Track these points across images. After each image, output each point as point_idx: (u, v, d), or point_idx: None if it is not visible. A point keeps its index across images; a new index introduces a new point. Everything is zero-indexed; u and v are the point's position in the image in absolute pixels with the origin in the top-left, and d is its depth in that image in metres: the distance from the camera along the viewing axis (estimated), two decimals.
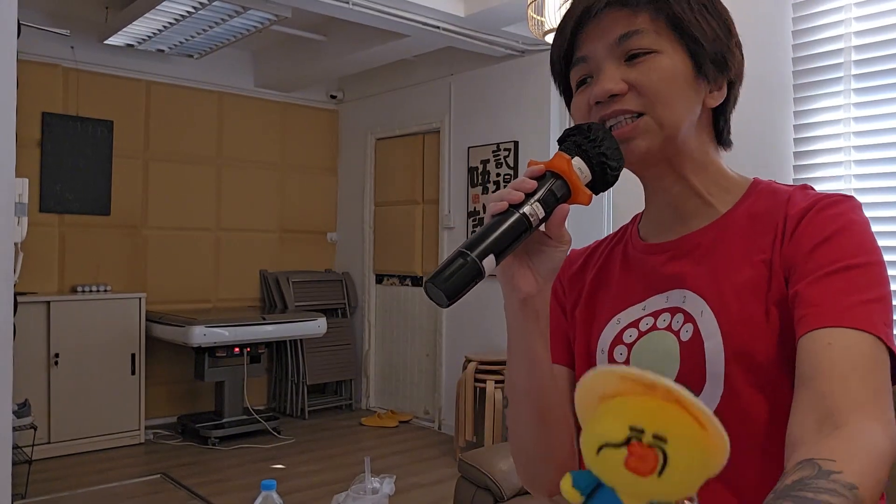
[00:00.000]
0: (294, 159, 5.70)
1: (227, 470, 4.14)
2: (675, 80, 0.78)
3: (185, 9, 3.88)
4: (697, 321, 0.78)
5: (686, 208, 0.84)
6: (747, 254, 0.78)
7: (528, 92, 4.40)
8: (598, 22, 0.79)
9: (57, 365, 4.26)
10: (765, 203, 0.81)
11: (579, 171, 0.73)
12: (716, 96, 0.82)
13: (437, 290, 0.65)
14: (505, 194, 0.71)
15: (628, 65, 0.78)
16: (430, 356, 5.11)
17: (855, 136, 2.74)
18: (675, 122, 0.78)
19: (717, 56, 0.80)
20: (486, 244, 0.67)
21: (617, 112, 0.78)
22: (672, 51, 0.78)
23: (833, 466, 0.57)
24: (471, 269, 0.66)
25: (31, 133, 4.44)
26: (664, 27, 0.78)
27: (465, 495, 2.63)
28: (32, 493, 3.65)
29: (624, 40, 0.78)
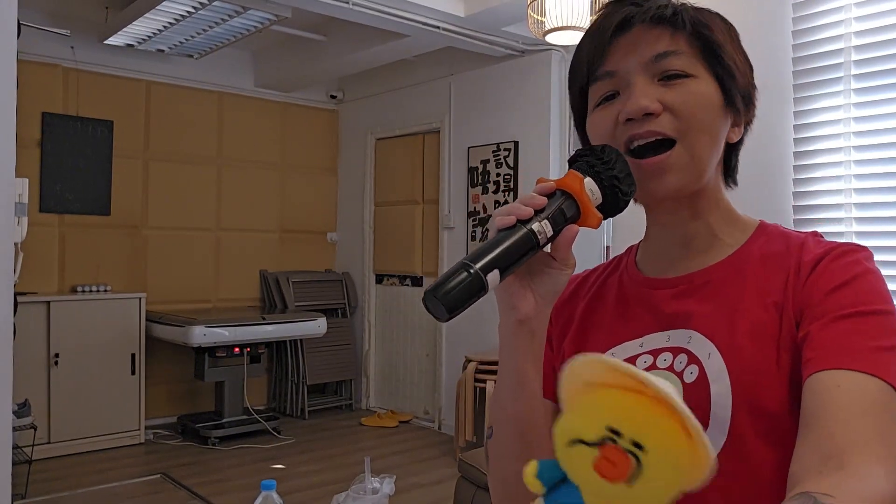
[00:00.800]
0: (294, 159, 5.70)
1: (227, 470, 4.14)
2: (710, 108, 0.76)
3: (185, 9, 3.88)
4: (704, 364, 0.74)
5: (696, 244, 0.82)
6: (759, 296, 0.76)
7: (528, 92, 4.39)
8: (633, 36, 0.76)
9: (57, 365, 4.26)
10: (777, 246, 0.79)
11: (591, 193, 0.70)
12: (737, 132, 0.80)
13: (437, 303, 0.61)
14: (513, 209, 0.67)
15: (662, 85, 0.75)
16: (430, 356, 5.11)
17: (855, 136, 2.74)
18: (705, 155, 0.76)
19: (745, 91, 0.79)
20: (491, 258, 0.64)
21: (651, 133, 0.74)
22: (706, 78, 0.76)
23: (828, 501, 0.55)
24: (474, 282, 0.62)
25: (32, 133, 4.44)
26: (700, 53, 0.76)
27: (465, 495, 2.63)
28: (32, 493, 3.65)
29: (661, 59, 0.75)
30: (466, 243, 4.76)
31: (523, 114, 4.41)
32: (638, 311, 0.83)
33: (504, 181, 4.51)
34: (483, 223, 4.65)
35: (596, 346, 0.83)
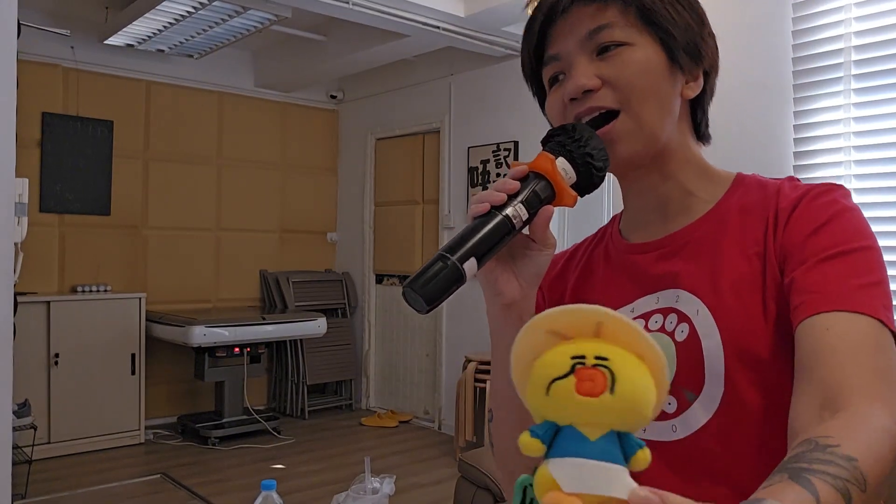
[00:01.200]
0: (294, 159, 5.69)
1: (227, 470, 4.14)
2: (649, 72, 0.76)
3: (185, 9, 3.88)
4: (693, 320, 0.76)
5: (672, 205, 0.83)
6: (741, 248, 0.76)
7: (527, 92, 4.35)
8: (566, 18, 0.78)
9: (57, 365, 4.26)
10: (754, 196, 0.79)
11: (563, 172, 0.71)
12: (692, 87, 0.80)
13: (416, 296, 0.62)
14: (486, 196, 0.68)
15: (600, 59, 0.77)
16: (430, 356, 5.11)
17: (855, 136, 2.73)
18: (654, 119, 0.77)
19: (690, 45, 0.78)
20: (467, 247, 0.64)
21: (592, 109, 0.76)
22: (644, 42, 0.76)
23: (830, 441, 0.56)
24: (451, 273, 0.62)
25: (32, 133, 4.44)
26: (634, 19, 0.76)
27: (465, 495, 2.63)
28: (32, 493, 3.64)
29: (594, 34, 0.76)
30: None
31: (523, 114, 4.41)
32: (625, 278, 0.84)
33: None
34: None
35: None
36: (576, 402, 0.41)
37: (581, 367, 0.41)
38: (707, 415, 0.74)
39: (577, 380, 0.41)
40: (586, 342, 0.43)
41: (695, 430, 0.75)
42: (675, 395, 0.76)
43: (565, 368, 0.42)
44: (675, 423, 0.76)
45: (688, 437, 0.75)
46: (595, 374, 0.41)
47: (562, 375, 0.42)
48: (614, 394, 0.41)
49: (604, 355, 0.41)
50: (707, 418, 0.74)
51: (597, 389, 0.41)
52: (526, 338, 0.46)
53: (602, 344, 0.42)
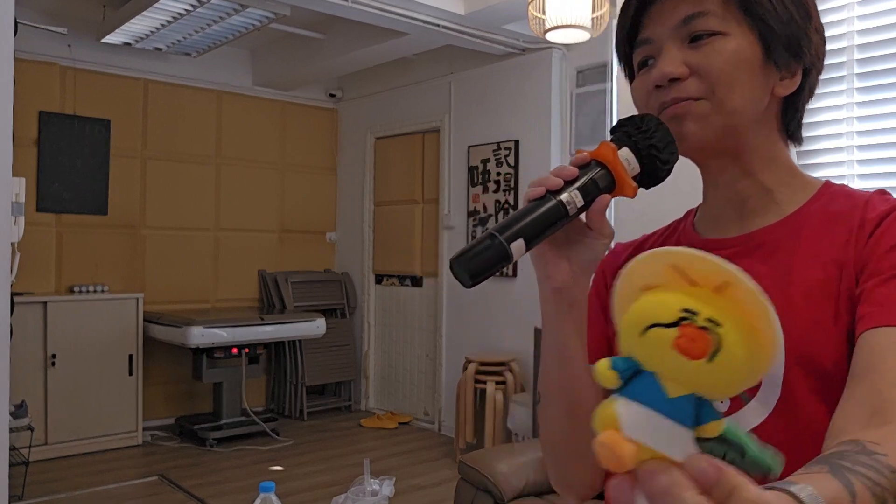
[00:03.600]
0: (293, 158, 5.67)
1: (226, 471, 4.11)
2: (739, 64, 0.74)
3: (183, 6, 3.86)
4: None
5: (751, 204, 0.80)
6: (818, 254, 0.74)
7: (528, 90, 4.38)
8: (664, 2, 0.76)
9: (54, 366, 4.24)
10: (840, 205, 0.77)
11: (626, 162, 0.70)
12: (787, 84, 0.77)
13: (461, 270, 0.64)
14: (544, 179, 0.68)
15: (691, 47, 0.75)
16: (429, 357, 5.09)
17: (858, 135, 2.72)
18: (736, 109, 0.74)
19: (791, 40, 0.75)
20: (516, 227, 0.65)
21: (676, 99, 0.75)
22: (740, 33, 0.74)
23: (878, 449, 0.54)
24: (497, 250, 0.64)
25: (28, 132, 4.41)
26: (734, 8, 0.74)
27: (466, 497, 2.61)
28: (29, 494, 3.63)
29: (689, 21, 0.74)
30: (466, 243, 4.71)
31: (524, 112, 4.39)
32: None
33: (504, 180, 4.49)
34: (483, 223, 4.63)
35: None
36: (669, 356, 0.39)
37: (688, 324, 0.38)
38: (761, 417, 0.73)
39: (680, 334, 0.38)
40: (707, 295, 0.39)
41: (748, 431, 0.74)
42: None
43: (672, 318, 0.39)
44: None
45: None
46: (701, 335, 0.38)
47: (666, 324, 0.39)
48: (712, 362, 0.38)
49: (719, 319, 0.38)
50: (759, 421, 0.73)
51: (696, 352, 0.38)
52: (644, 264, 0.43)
53: (722, 303, 0.39)
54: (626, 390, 0.41)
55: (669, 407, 0.40)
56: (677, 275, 0.41)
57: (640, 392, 0.40)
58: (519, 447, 2.83)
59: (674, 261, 0.41)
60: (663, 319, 0.39)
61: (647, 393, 0.40)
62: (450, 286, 4.87)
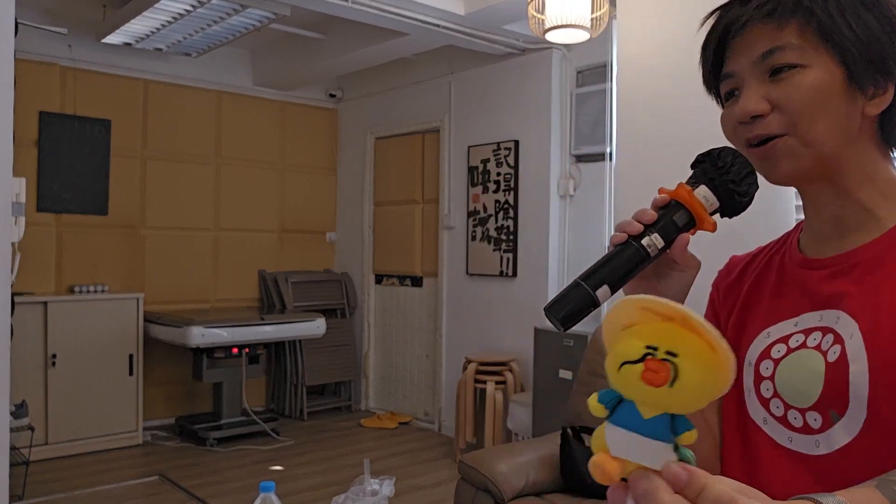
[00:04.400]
0: (293, 158, 5.67)
1: (226, 471, 4.11)
2: (820, 96, 0.74)
3: (184, 7, 3.86)
4: (846, 343, 0.74)
5: (849, 222, 0.80)
6: None
7: (528, 91, 4.38)
8: (743, 36, 0.77)
9: (54, 366, 4.24)
10: None
11: (704, 200, 0.75)
12: (878, 102, 0.76)
13: (553, 317, 0.71)
14: (626, 225, 0.73)
15: (772, 81, 0.75)
16: (429, 357, 5.09)
17: None
18: (821, 140, 0.75)
19: (876, 60, 0.74)
20: (600, 275, 0.72)
21: (759, 136, 0.76)
22: (820, 63, 0.74)
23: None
24: (583, 298, 0.70)
25: (29, 132, 4.41)
26: (813, 37, 0.74)
27: (466, 497, 2.61)
28: (30, 494, 3.63)
29: (767, 56, 0.75)
30: (466, 243, 4.74)
31: (524, 112, 4.39)
32: (794, 292, 0.84)
33: (504, 180, 4.49)
34: (483, 223, 4.63)
35: (754, 326, 0.86)
36: (638, 386, 0.47)
37: (650, 359, 0.47)
38: (849, 436, 0.74)
39: (645, 368, 0.47)
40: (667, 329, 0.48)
41: (836, 449, 0.75)
42: (821, 413, 0.76)
43: (637, 355, 0.48)
44: (818, 439, 0.76)
45: (829, 454, 0.75)
46: (660, 367, 0.47)
47: (633, 360, 0.48)
48: (673, 387, 0.46)
49: (675, 350, 0.47)
50: (849, 440, 0.74)
51: (658, 381, 0.46)
52: (620, 309, 0.51)
53: (681, 334, 0.48)
54: (612, 417, 0.50)
55: (646, 427, 0.48)
56: (649, 314, 0.49)
57: (623, 417, 0.49)
58: (519, 447, 2.83)
59: (643, 304, 0.50)
60: (631, 357, 0.48)
61: (627, 417, 0.49)
62: (450, 286, 4.88)
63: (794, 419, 0.78)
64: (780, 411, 0.79)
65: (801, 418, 0.77)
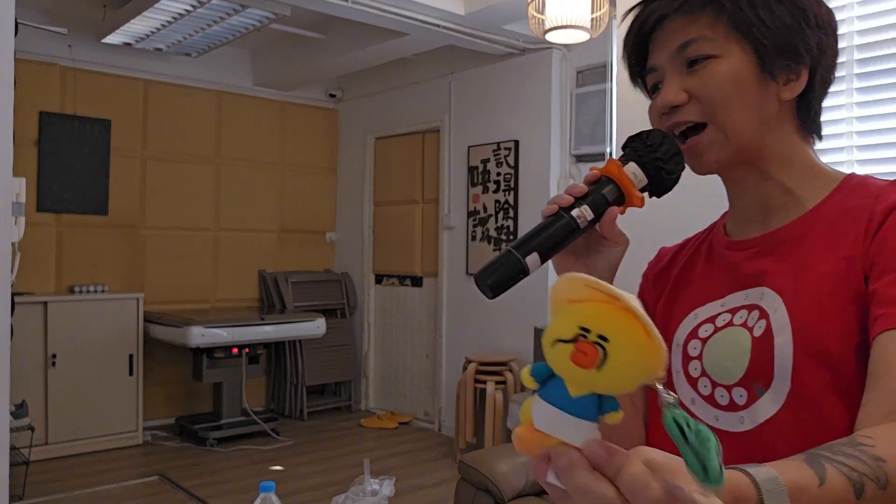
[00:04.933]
0: (293, 158, 5.67)
1: (226, 471, 4.11)
2: (734, 84, 0.77)
3: (184, 7, 3.86)
4: (770, 317, 0.77)
5: (772, 204, 0.83)
6: (830, 249, 0.77)
7: (528, 90, 4.38)
8: (661, 30, 0.81)
9: (54, 366, 4.24)
10: (855, 198, 0.79)
11: (633, 176, 0.76)
12: (793, 87, 0.79)
13: (483, 284, 0.71)
14: (556, 198, 0.75)
15: (689, 72, 0.79)
16: (429, 357, 5.09)
17: (857, 135, 2.72)
18: (740, 128, 0.78)
19: (787, 47, 0.77)
20: (531, 244, 0.72)
21: (679, 123, 0.80)
22: (732, 52, 0.77)
23: (866, 441, 0.56)
24: (514, 265, 0.71)
25: (29, 132, 4.41)
26: (725, 28, 0.77)
27: (466, 497, 2.61)
28: (30, 494, 3.63)
29: (683, 49, 0.79)
30: (467, 243, 4.74)
31: (524, 112, 4.39)
32: (721, 273, 0.87)
33: (504, 180, 4.49)
34: (483, 223, 4.63)
35: (682, 309, 0.89)
36: (568, 365, 0.48)
37: (582, 340, 0.47)
38: (773, 409, 0.76)
39: (575, 349, 0.47)
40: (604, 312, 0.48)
41: (759, 423, 0.77)
42: (746, 388, 0.78)
43: (570, 335, 0.48)
44: (742, 416, 0.78)
45: (753, 429, 0.77)
46: (590, 349, 0.47)
47: (565, 340, 0.48)
48: (600, 370, 0.47)
49: (607, 335, 0.47)
50: (773, 412, 0.76)
51: (586, 363, 0.47)
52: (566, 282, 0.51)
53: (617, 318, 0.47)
54: (541, 391, 0.51)
55: (572, 404, 0.49)
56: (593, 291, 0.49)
57: (551, 393, 0.50)
58: None
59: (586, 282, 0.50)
60: (564, 336, 0.48)
61: (555, 393, 0.50)
62: (450, 286, 4.88)
63: (721, 397, 0.80)
64: (708, 390, 0.81)
65: (727, 395, 0.79)
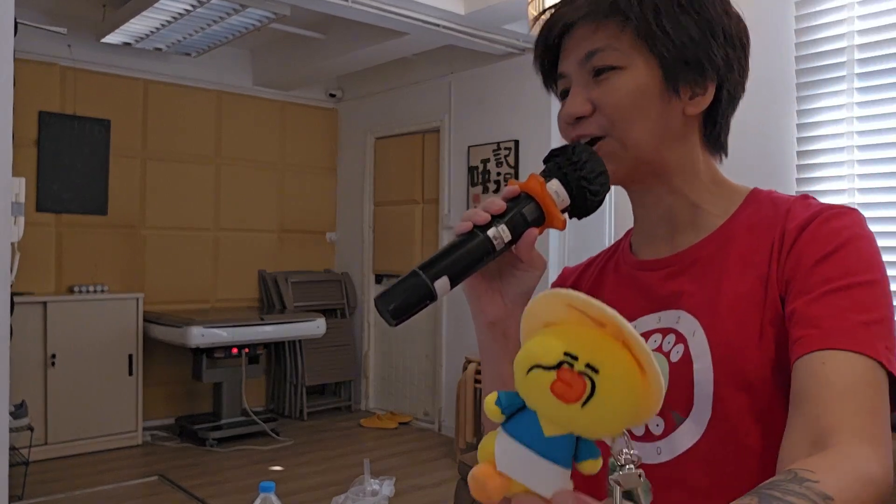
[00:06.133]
0: (293, 158, 5.67)
1: (226, 472, 4.11)
2: (636, 97, 0.74)
3: (183, 6, 3.85)
4: (689, 342, 0.74)
5: (680, 220, 0.80)
6: (743, 269, 0.74)
7: (528, 90, 4.37)
8: (570, 37, 0.78)
9: (54, 366, 4.23)
10: (764, 213, 0.76)
11: (555, 195, 0.70)
12: (698, 102, 0.77)
13: (384, 309, 0.63)
14: (472, 214, 0.68)
15: (595, 82, 0.76)
16: (429, 357, 5.09)
17: (858, 135, 2.72)
18: (640, 141, 0.75)
19: (693, 61, 0.74)
20: (441, 265, 0.65)
21: (580, 136, 0.76)
22: (637, 64, 0.74)
23: (810, 476, 0.54)
24: (420, 289, 0.63)
25: (28, 132, 4.41)
26: (630, 38, 0.74)
27: (466, 497, 2.61)
28: (29, 494, 3.62)
29: (590, 58, 0.75)
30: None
31: (524, 112, 4.39)
32: (631, 294, 0.82)
33: (505, 180, 4.49)
34: None
35: None
36: (545, 397, 0.40)
37: (566, 368, 0.40)
38: (693, 438, 0.72)
39: (556, 378, 0.40)
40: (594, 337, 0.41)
41: (679, 454, 0.73)
42: (664, 417, 0.74)
43: (552, 361, 0.40)
44: (660, 446, 0.74)
45: (671, 460, 0.73)
46: (576, 380, 0.39)
47: (546, 366, 0.40)
48: (584, 407, 0.39)
49: (597, 364, 0.39)
50: (693, 441, 0.72)
51: (570, 397, 0.39)
52: (545, 301, 0.44)
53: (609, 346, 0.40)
54: (507, 425, 0.43)
55: (544, 445, 0.41)
56: (578, 314, 0.42)
57: (519, 428, 0.42)
58: None
59: (570, 301, 0.42)
60: (545, 361, 0.40)
61: (525, 430, 0.41)
62: None
63: (637, 428, 0.75)
64: None
65: (642, 426, 0.75)
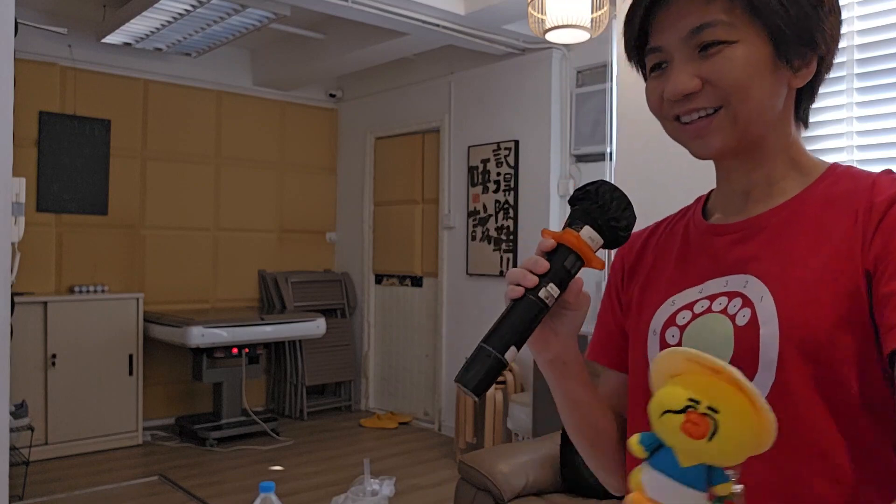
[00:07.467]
0: (293, 158, 5.67)
1: (226, 471, 4.11)
2: (751, 71, 0.73)
3: (183, 7, 3.85)
4: (756, 306, 0.74)
5: (756, 191, 0.81)
6: (819, 239, 0.74)
7: (528, 90, 4.37)
8: (669, 9, 0.75)
9: (54, 366, 4.24)
10: (844, 186, 0.76)
11: (590, 240, 0.77)
12: (803, 75, 0.77)
13: (467, 388, 0.72)
14: (520, 277, 0.74)
15: (702, 57, 0.74)
16: (429, 357, 5.09)
17: (858, 135, 2.72)
18: (753, 116, 0.75)
19: (803, 34, 0.74)
20: (506, 337, 0.73)
21: (692, 110, 0.76)
22: (749, 38, 0.73)
23: None
24: (494, 365, 0.72)
25: (29, 132, 4.41)
26: (741, 12, 0.73)
27: (466, 497, 2.61)
28: (30, 494, 3.62)
29: (697, 33, 0.74)
30: (466, 243, 4.74)
31: (524, 112, 4.39)
32: (700, 258, 0.84)
33: (504, 180, 4.49)
34: (483, 223, 4.63)
35: (658, 295, 0.85)
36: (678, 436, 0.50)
37: (692, 411, 0.49)
38: None
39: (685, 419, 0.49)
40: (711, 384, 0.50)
41: None
42: None
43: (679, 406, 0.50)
44: None
45: None
46: (702, 421, 0.49)
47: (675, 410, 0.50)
48: (711, 442, 0.48)
49: (717, 406, 0.48)
50: None
51: (698, 434, 0.49)
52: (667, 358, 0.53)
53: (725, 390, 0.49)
54: (651, 460, 0.53)
55: (683, 474, 0.51)
56: (696, 365, 0.51)
57: (661, 462, 0.52)
58: (519, 447, 2.83)
59: (688, 356, 0.52)
60: (673, 407, 0.50)
61: (665, 463, 0.52)
62: (450, 286, 4.87)
63: None
64: None
65: None
